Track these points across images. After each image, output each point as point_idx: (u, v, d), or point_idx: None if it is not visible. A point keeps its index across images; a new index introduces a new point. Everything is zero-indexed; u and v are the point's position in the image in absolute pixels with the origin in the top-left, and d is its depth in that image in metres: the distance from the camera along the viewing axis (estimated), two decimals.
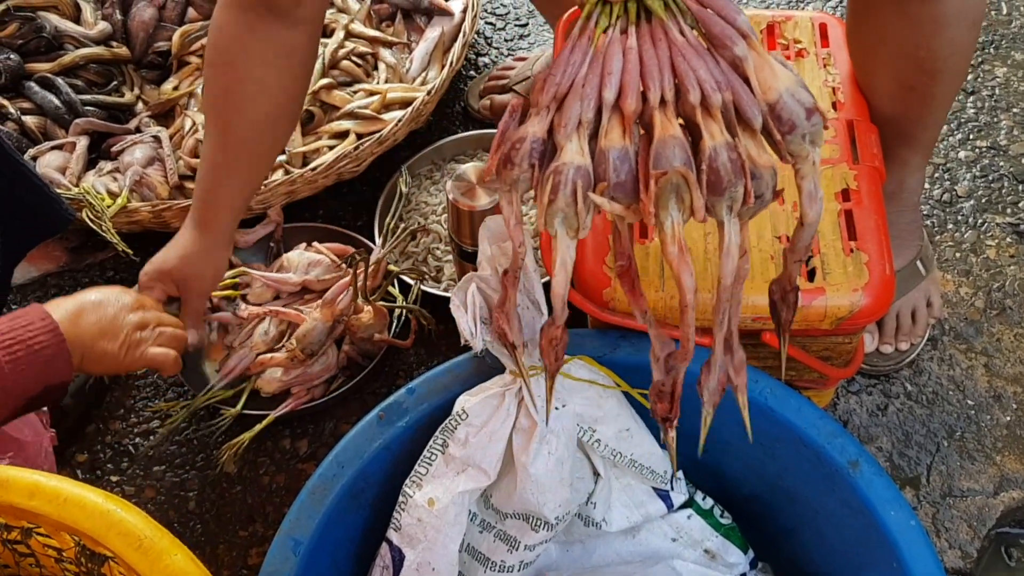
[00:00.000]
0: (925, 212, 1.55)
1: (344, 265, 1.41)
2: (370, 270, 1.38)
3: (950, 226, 1.55)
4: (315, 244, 1.47)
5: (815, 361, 1.09)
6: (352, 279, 1.31)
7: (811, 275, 1.03)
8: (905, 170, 1.31)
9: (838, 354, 1.12)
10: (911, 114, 1.23)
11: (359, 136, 1.55)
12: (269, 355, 1.36)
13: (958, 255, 1.51)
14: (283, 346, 1.38)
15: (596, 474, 1.00)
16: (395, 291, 1.42)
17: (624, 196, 0.73)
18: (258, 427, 1.30)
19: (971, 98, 1.71)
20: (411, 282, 1.42)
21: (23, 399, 0.96)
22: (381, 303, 1.36)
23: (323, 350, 1.34)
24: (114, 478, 1.38)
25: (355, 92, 1.62)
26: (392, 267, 1.42)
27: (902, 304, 1.35)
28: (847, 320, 1.02)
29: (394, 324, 1.40)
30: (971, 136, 1.66)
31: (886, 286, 1.03)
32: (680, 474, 1.06)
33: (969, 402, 1.36)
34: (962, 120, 1.68)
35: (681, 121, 0.76)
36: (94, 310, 1.07)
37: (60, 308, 1.04)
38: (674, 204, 0.72)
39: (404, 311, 1.42)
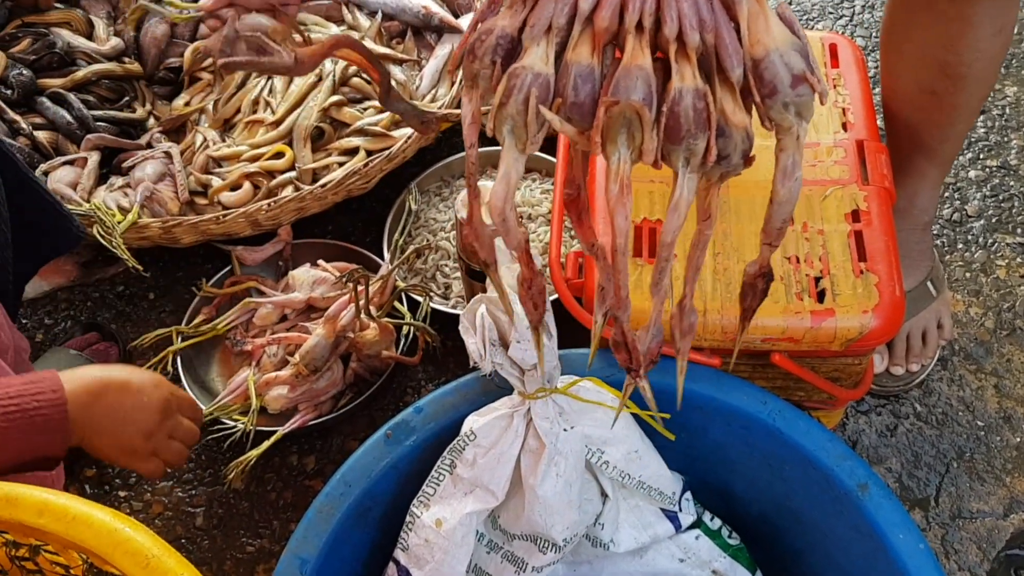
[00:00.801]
0: (935, 231, 1.54)
1: (344, 280, 1.41)
2: (376, 287, 1.38)
3: (960, 246, 1.54)
4: (320, 262, 1.47)
5: (824, 382, 1.08)
6: (353, 296, 1.31)
7: (821, 296, 1.03)
8: (920, 183, 1.31)
9: (847, 375, 1.11)
10: (932, 121, 1.23)
11: (369, 153, 1.56)
12: (274, 374, 1.36)
13: (968, 275, 1.51)
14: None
15: (604, 495, 1.00)
16: (403, 308, 1.42)
17: (580, 119, 0.67)
18: (266, 444, 1.30)
19: (982, 117, 1.71)
20: (419, 299, 1.43)
21: (9, 465, 0.93)
22: (387, 320, 1.37)
23: (328, 366, 1.34)
24: (122, 493, 1.38)
25: (365, 109, 1.63)
26: (400, 283, 1.42)
27: (913, 325, 1.35)
28: (857, 342, 1.02)
29: (402, 341, 1.40)
30: (981, 155, 1.66)
31: (896, 308, 1.02)
32: (688, 495, 1.06)
33: (979, 423, 1.36)
34: (972, 139, 1.68)
35: (660, 55, 0.70)
36: (116, 395, 1.01)
37: (80, 381, 0.98)
38: (624, 140, 0.66)
39: (412, 328, 1.42)
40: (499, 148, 0.71)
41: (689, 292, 0.75)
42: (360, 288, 1.30)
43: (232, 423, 1.33)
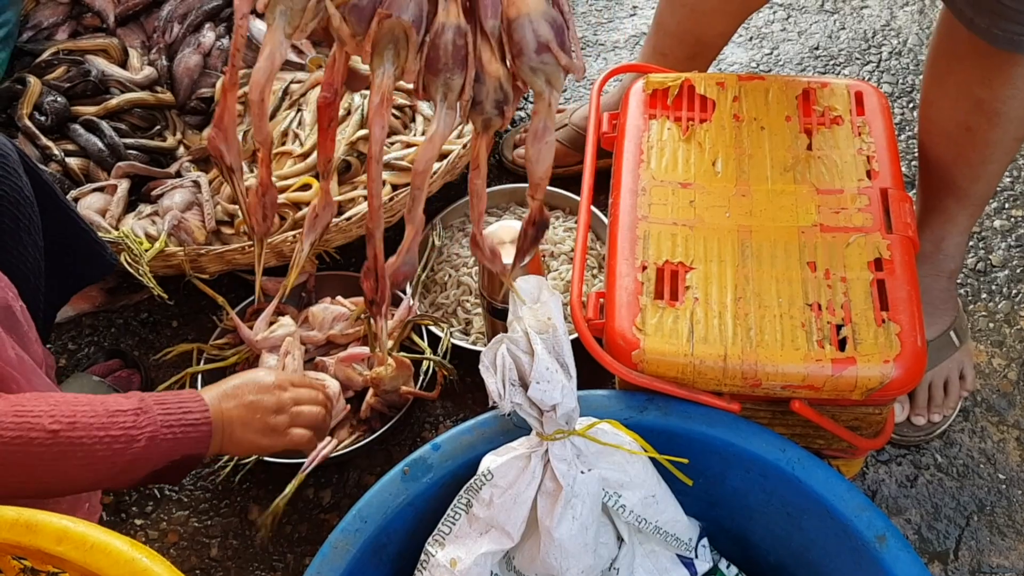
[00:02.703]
0: (958, 281, 1.53)
1: (355, 320, 1.42)
2: (394, 323, 1.39)
3: (984, 295, 1.53)
4: (339, 298, 1.48)
5: (844, 431, 1.08)
6: (367, 333, 1.33)
7: (842, 344, 1.02)
8: (949, 228, 1.31)
9: (868, 424, 1.11)
10: (965, 159, 1.23)
11: (394, 187, 1.57)
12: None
13: (991, 325, 1.50)
14: None
15: (620, 539, 1.00)
16: (422, 343, 1.42)
17: (357, 23, 0.70)
18: (289, 490, 1.28)
19: (1008, 167, 1.70)
20: (439, 333, 1.43)
21: (162, 461, 0.99)
22: (404, 355, 1.37)
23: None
24: (138, 521, 1.38)
25: (392, 143, 1.64)
26: (422, 318, 1.43)
27: (935, 375, 1.34)
28: (878, 391, 1.01)
29: (421, 376, 1.40)
30: (1007, 205, 1.65)
31: (918, 358, 1.02)
32: (705, 541, 1.06)
33: (1000, 476, 1.34)
34: (998, 188, 1.67)
35: None
36: (234, 396, 1.08)
37: (207, 394, 1.06)
38: (391, 56, 0.69)
39: (431, 363, 1.42)
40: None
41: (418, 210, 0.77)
42: (374, 326, 1.30)
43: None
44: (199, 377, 1.42)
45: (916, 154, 1.71)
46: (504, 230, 1.29)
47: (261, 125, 0.72)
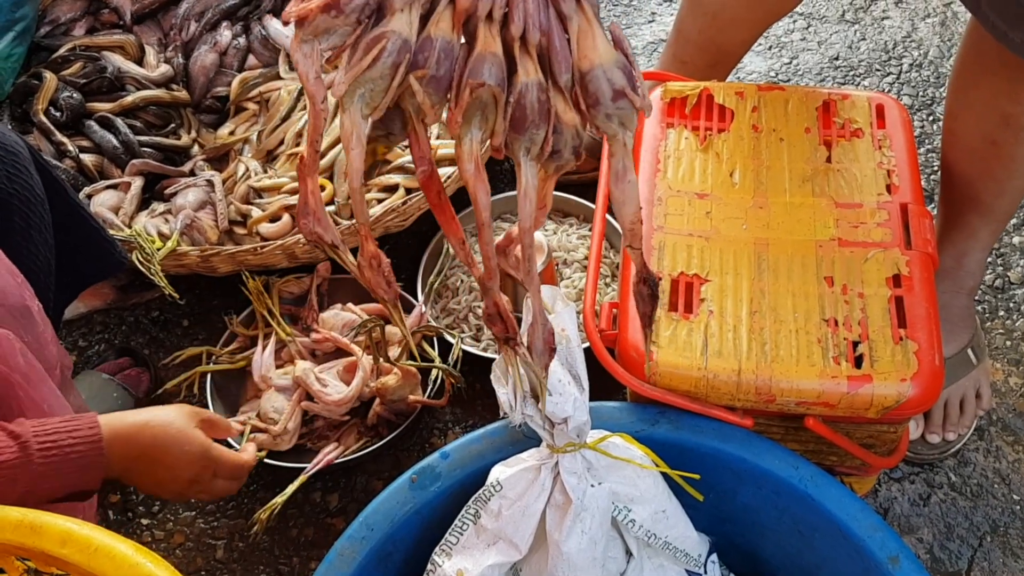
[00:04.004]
0: (976, 297, 1.52)
1: (356, 333, 1.40)
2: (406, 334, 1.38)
3: (1001, 313, 1.52)
4: (350, 305, 1.47)
5: (858, 448, 1.07)
6: (370, 346, 1.31)
7: (858, 362, 1.01)
8: (970, 244, 1.29)
9: (882, 442, 1.09)
10: (989, 173, 1.22)
11: (408, 191, 1.56)
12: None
13: (1008, 343, 1.48)
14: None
15: (629, 554, 0.99)
16: (432, 351, 1.41)
17: (435, 92, 0.70)
18: (290, 489, 1.27)
19: None
20: (451, 340, 1.42)
21: (45, 499, 0.95)
22: (411, 363, 1.35)
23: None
24: (145, 521, 1.38)
25: (406, 146, 1.63)
26: (432, 328, 1.41)
27: (951, 393, 1.33)
28: (894, 410, 1.00)
29: (430, 384, 1.39)
30: None
31: (935, 377, 1.00)
32: (715, 557, 1.04)
33: (1015, 496, 1.33)
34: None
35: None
36: (152, 443, 1.02)
37: (119, 423, 1.00)
38: (477, 122, 0.70)
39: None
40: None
41: (535, 271, 0.78)
42: (376, 336, 1.29)
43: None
44: (208, 377, 1.41)
45: (935, 168, 1.69)
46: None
47: (362, 209, 0.73)
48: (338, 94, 0.69)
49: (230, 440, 1.33)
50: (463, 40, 0.71)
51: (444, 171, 1.57)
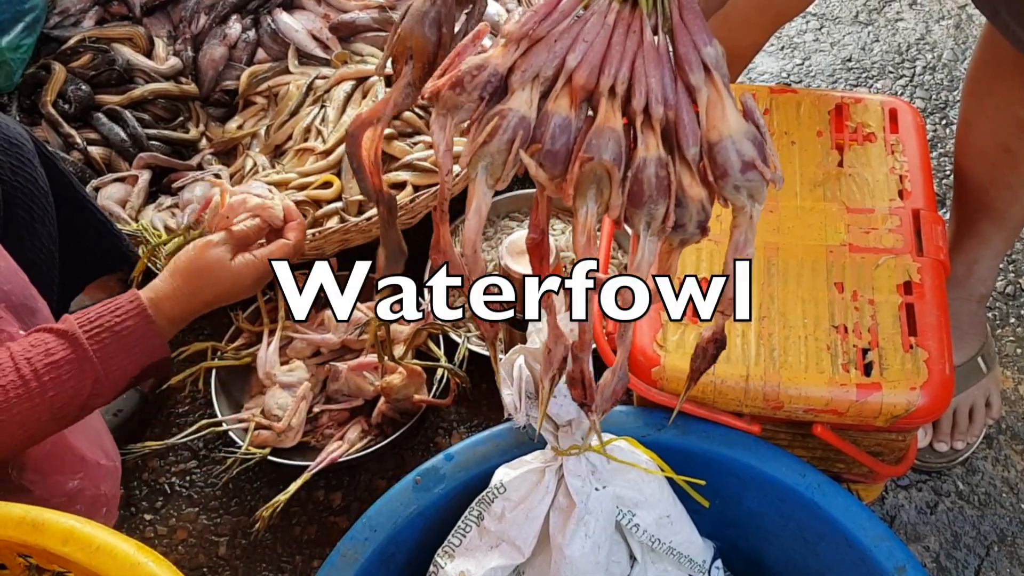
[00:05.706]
0: (987, 304, 1.51)
1: (359, 333, 1.40)
2: (407, 332, 1.38)
3: (1012, 320, 1.50)
4: (356, 303, 1.46)
5: (865, 456, 1.06)
6: (374, 345, 1.31)
7: (867, 369, 1.00)
8: (982, 250, 1.28)
9: (890, 450, 1.08)
10: (1003, 181, 1.21)
11: (416, 188, 1.55)
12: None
13: (1019, 351, 1.47)
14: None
15: (632, 558, 0.98)
16: (438, 350, 1.40)
17: (552, 166, 0.71)
18: (294, 486, 1.27)
19: None
20: (457, 340, 1.41)
21: (124, 381, 0.99)
22: (416, 363, 1.35)
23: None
24: (148, 516, 1.37)
25: (415, 144, 1.63)
26: (439, 323, 1.41)
27: (960, 401, 1.32)
28: (903, 419, 0.99)
29: (436, 383, 1.38)
30: None
31: (945, 386, 0.99)
32: (719, 563, 1.04)
33: (1023, 506, 1.32)
34: None
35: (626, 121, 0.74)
36: (198, 275, 1.09)
37: (156, 288, 1.06)
38: (593, 195, 0.70)
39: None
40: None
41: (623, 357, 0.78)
42: (381, 335, 1.29)
43: (251, 454, 1.32)
44: (213, 373, 1.41)
45: (948, 172, 1.68)
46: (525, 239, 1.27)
47: (476, 269, 0.76)
48: (463, 164, 0.72)
49: (233, 436, 1.33)
50: (591, 113, 0.73)
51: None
